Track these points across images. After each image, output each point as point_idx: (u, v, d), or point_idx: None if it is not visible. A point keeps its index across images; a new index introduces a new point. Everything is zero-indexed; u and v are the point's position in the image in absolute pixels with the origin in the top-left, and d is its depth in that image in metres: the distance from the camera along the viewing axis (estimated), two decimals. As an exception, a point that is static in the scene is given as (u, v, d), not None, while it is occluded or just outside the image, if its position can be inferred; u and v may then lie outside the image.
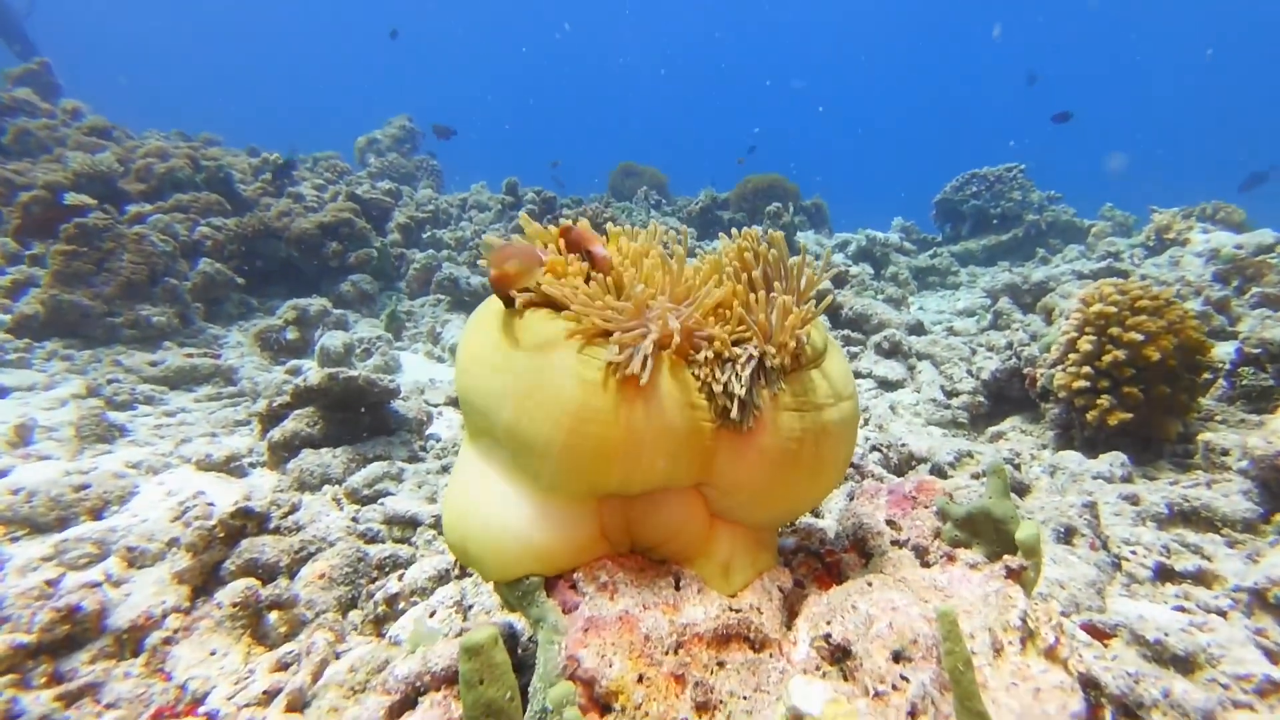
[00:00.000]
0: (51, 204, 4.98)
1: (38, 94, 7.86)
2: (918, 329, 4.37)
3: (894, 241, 7.33)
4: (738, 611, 1.03)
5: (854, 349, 4.08)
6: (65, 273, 4.06)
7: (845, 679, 0.91)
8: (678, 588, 1.05)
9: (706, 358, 0.98)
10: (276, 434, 2.40)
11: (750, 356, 0.96)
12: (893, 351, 3.87)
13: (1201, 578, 1.68)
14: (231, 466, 2.38)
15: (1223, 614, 1.54)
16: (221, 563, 1.53)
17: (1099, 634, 1.44)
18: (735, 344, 1.00)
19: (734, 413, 0.94)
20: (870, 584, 1.06)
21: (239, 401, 3.27)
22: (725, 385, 0.94)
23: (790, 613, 1.09)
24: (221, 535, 1.54)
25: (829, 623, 0.99)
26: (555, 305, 1.04)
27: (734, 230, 1.19)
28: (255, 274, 5.30)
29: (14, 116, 6.85)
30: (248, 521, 1.60)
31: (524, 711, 0.90)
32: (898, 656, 0.86)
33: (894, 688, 0.82)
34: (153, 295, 4.29)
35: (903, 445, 2.47)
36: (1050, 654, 0.94)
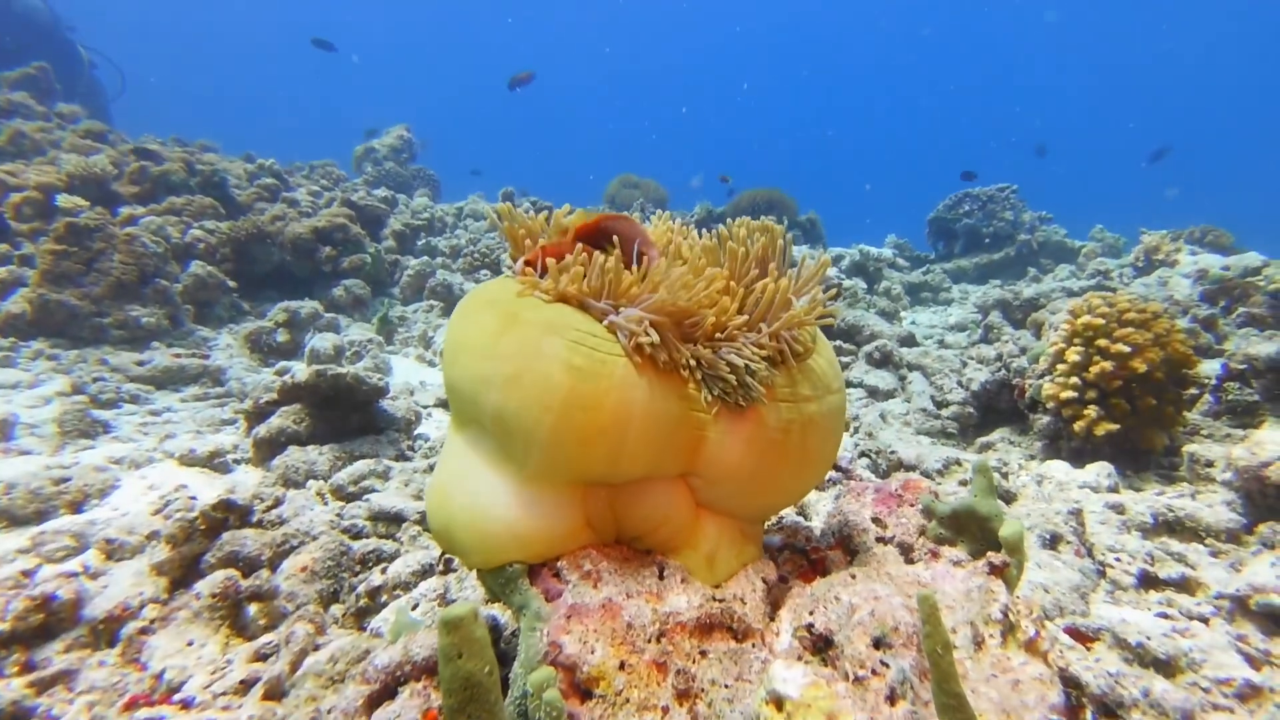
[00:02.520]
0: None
1: (34, 98, 7.87)
2: (909, 341, 4.40)
3: (887, 257, 7.40)
4: (721, 601, 1.02)
5: (845, 359, 4.10)
6: (54, 272, 4.04)
7: (825, 666, 0.90)
8: (661, 577, 1.05)
9: (700, 344, 0.98)
10: (262, 430, 2.38)
11: (747, 344, 0.97)
12: (884, 361, 3.89)
13: (1185, 585, 1.69)
14: (216, 462, 2.36)
15: (1205, 620, 1.55)
16: (202, 555, 1.51)
17: (1082, 637, 1.44)
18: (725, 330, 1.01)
19: (737, 392, 0.95)
20: (854, 577, 1.06)
21: (226, 402, 3.25)
22: (721, 371, 0.95)
23: (774, 605, 1.09)
24: (203, 528, 1.52)
25: (811, 613, 0.99)
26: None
27: (727, 223, 1.19)
28: (248, 277, 5.29)
29: (9, 119, 6.84)
30: (230, 514, 1.58)
31: (505, 698, 0.89)
32: (878, 643, 0.86)
33: (874, 672, 0.81)
34: (142, 296, 4.27)
35: (892, 452, 2.47)
36: (1030, 647, 0.94)
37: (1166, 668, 1.30)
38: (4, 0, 9.57)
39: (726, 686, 0.93)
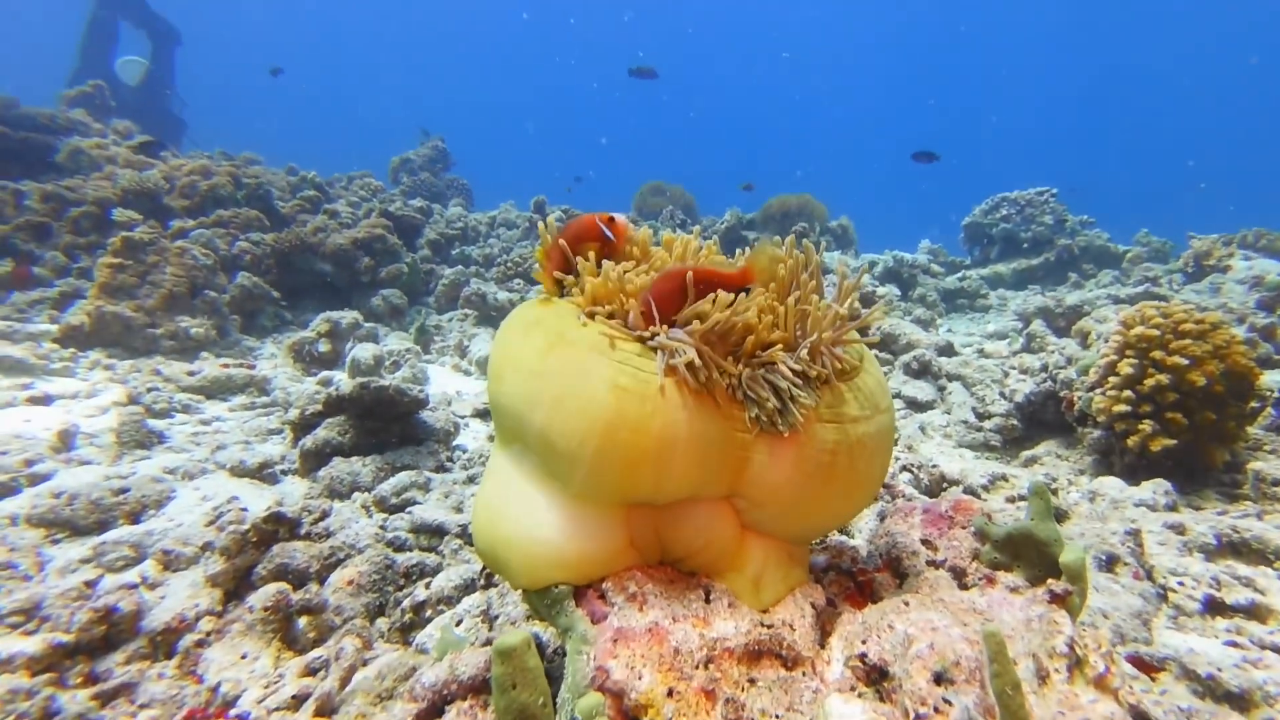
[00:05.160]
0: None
1: (91, 115, 8.24)
2: (947, 350, 4.30)
3: (922, 263, 7.25)
4: (769, 627, 1.01)
5: (882, 369, 4.02)
6: (111, 285, 4.21)
7: (882, 700, 0.88)
8: (708, 601, 1.03)
9: (744, 364, 0.97)
10: (308, 442, 2.43)
11: (789, 362, 0.95)
12: (922, 372, 3.81)
13: (1254, 612, 1.61)
14: (264, 473, 2.42)
15: (1278, 650, 1.47)
16: (253, 567, 1.55)
17: (1146, 667, 1.38)
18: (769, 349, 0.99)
19: (775, 416, 0.93)
20: (907, 603, 1.03)
21: (272, 411, 3.34)
22: (765, 389, 0.93)
23: (823, 631, 1.06)
24: (254, 540, 1.56)
25: (864, 642, 0.96)
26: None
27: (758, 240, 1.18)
28: (290, 288, 5.44)
29: (68, 136, 7.17)
30: (280, 526, 1.62)
31: (553, 721, 0.88)
32: (939, 678, 0.83)
33: (936, 710, 0.79)
34: (192, 307, 4.42)
35: (934, 466, 2.41)
36: (1100, 683, 0.90)
37: (1240, 702, 1.24)
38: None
39: (777, 717, 0.91)
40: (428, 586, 1.56)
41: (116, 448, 2.57)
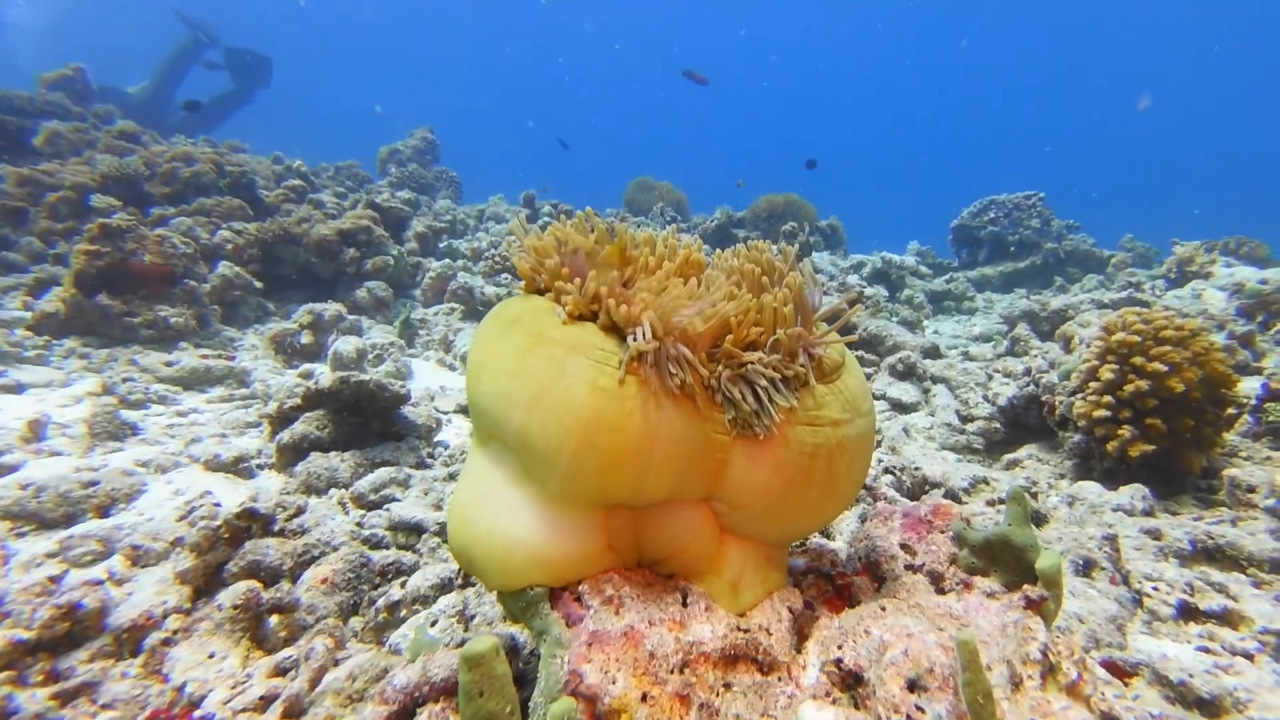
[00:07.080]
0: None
1: (70, 99, 8.07)
2: (933, 352, 4.32)
3: (910, 264, 7.29)
4: (746, 632, 1.00)
5: (868, 370, 4.04)
6: (87, 273, 4.12)
7: (856, 707, 0.87)
8: (685, 604, 1.02)
9: (722, 365, 0.96)
10: (286, 436, 2.39)
11: (766, 364, 0.94)
12: (907, 374, 3.83)
13: (1227, 618, 1.63)
14: (240, 467, 2.38)
15: (1249, 657, 1.48)
16: (225, 564, 1.52)
17: (1120, 672, 1.39)
18: (750, 349, 0.98)
19: (753, 418, 0.92)
20: (884, 609, 1.03)
21: (251, 404, 3.29)
22: (741, 392, 0.92)
23: (800, 636, 1.06)
24: (226, 536, 1.53)
25: (840, 647, 0.96)
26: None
27: (744, 243, 1.17)
28: (273, 278, 5.36)
29: (46, 119, 7.02)
30: (253, 523, 1.59)
31: (523, 728, 0.87)
32: (913, 685, 0.83)
33: (908, 718, 0.78)
34: (172, 296, 4.34)
35: (916, 469, 2.42)
36: (1072, 690, 0.90)
37: (1210, 708, 1.25)
38: None
39: (752, 723, 0.90)
40: (403, 586, 1.54)
41: (88, 439, 2.51)
